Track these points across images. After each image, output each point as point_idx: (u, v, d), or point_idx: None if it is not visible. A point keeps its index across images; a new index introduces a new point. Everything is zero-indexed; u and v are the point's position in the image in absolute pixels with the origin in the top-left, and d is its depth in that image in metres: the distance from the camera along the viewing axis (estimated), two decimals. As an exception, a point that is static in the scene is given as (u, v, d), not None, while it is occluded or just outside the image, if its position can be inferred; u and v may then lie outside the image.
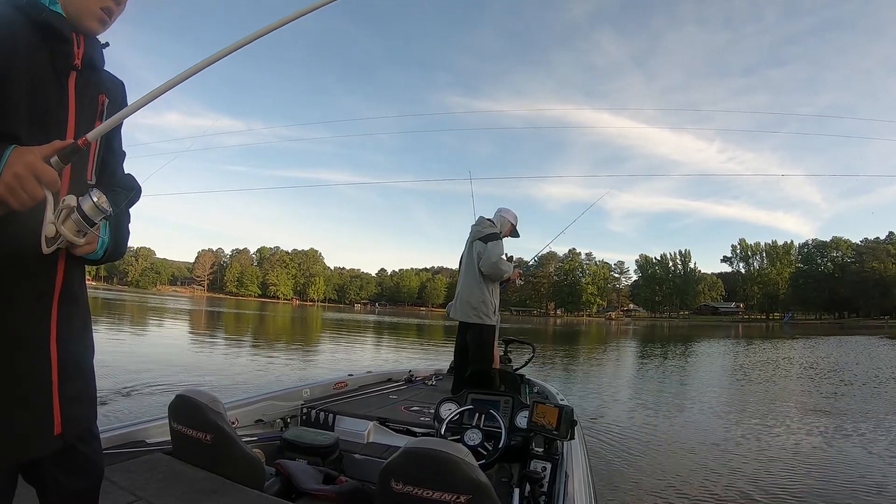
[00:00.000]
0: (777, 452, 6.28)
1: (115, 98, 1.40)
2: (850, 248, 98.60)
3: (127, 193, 1.42)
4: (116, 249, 1.37)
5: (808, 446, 6.60)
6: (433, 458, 1.63)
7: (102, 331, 18.01)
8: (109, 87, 1.40)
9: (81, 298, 1.33)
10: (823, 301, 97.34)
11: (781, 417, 8.48)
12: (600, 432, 6.95)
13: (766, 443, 6.76)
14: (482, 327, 4.79)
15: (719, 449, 6.47)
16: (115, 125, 1.21)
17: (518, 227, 5.40)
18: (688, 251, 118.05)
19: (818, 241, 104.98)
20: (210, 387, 8.39)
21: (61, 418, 1.22)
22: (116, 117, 1.17)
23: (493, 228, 4.99)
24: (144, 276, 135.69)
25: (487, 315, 4.79)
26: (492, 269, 4.78)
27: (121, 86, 1.46)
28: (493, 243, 4.83)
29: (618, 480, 5.18)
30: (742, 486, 5.09)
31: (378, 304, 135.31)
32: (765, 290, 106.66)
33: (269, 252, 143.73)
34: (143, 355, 12.57)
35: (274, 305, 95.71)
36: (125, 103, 1.44)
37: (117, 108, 1.37)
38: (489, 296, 4.82)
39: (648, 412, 8.83)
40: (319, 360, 14.87)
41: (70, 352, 1.25)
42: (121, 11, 1.36)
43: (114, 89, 1.42)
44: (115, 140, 1.46)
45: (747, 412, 8.96)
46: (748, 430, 7.42)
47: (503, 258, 4.84)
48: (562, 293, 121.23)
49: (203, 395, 2.27)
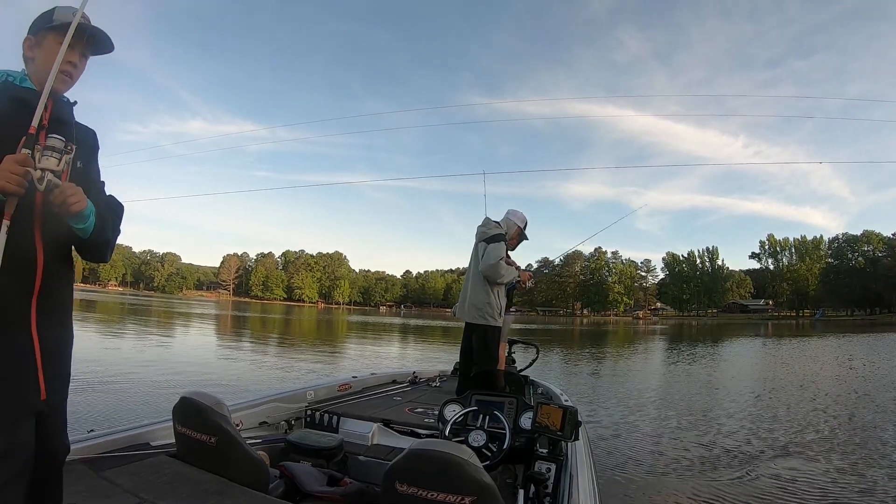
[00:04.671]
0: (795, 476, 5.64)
1: (83, 144, 1.69)
2: (882, 241, 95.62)
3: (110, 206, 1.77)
4: (102, 231, 1.66)
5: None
6: (437, 459, 1.63)
7: (125, 335, 18.41)
8: (79, 136, 1.68)
9: (57, 294, 1.61)
10: (855, 297, 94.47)
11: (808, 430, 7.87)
12: (604, 434, 6.94)
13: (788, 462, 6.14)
14: (487, 328, 4.75)
15: (730, 452, 6.36)
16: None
17: (529, 230, 5.30)
18: (715, 248, 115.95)
19: (849, 236, 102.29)
20: (221, 389, 8.54)
21: (45, 388, 1.53)
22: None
23: (498, 230, 4.92)
24: (170, 281, 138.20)
25: (492, 316, 4.74)
26: (489, 271, 4.72)
27: (91, 133, 1.80)
28: (493, 245, 4.76)
29: (623, 481, 5.17)
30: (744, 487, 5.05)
31: (403, 306, 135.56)
32: (794, 287, 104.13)
33: (294, 255, 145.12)
34: (163, 359, 12.86)
35: (299, 309, 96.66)
36: (96, 147, 1.80)
37: (87, 152, 1.73)
38: (494, 297, 4.77)
39: (663, 416, 8.74)
40: (344, 364, 14.97)
41: (47, 337, 1.54)
42: (81, 71, 1.69)
43: (84, 137, 1.73)
44: (91, 172, 1.77)
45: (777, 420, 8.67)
46: (776, 441, 6.95)
47: (501, 261, 4.74)
48: (588, 292, 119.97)
49: (207, 397, 2.29)
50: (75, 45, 1.60)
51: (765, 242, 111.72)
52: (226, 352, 16.59)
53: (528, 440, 3.04)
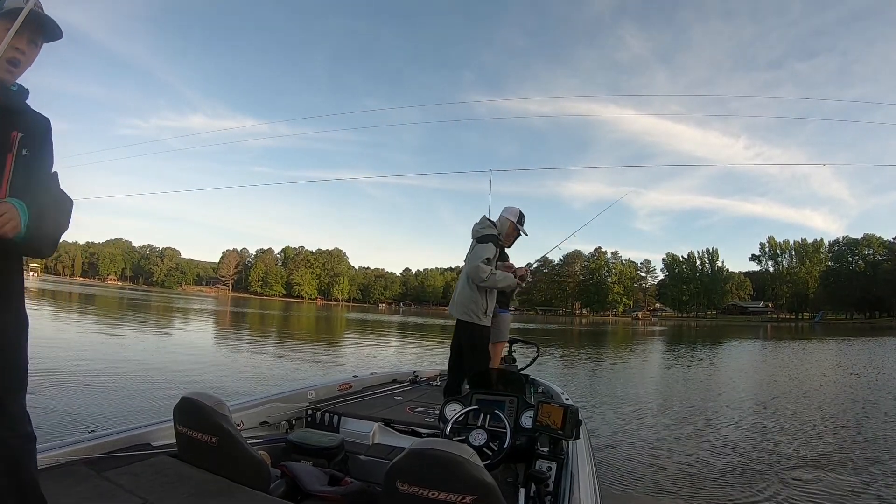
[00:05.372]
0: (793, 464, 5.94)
1: (32, 133, 1.64)
2: (883, 245, 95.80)
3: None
4: (39, 229, 1.54)
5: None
6: (438, 458, 1.63)
7: (125, 331, 18.41)
8: (28, 124, 1.64)
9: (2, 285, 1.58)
10: (854, 300, 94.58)
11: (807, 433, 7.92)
12: (604, 434, 6.95)
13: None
14: (473, 326, 4.67)
15: (730, 451, 6.40)
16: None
17: (525, 226, 5.17)
18: (715, 249, 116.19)
19: (849, 239, 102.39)
20: (222, 388, 8.55)
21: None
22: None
23: (491, 229, 4.83)
24: (170, 276, 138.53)
25: (477, 315, 4.65)
26: (472, 272, 4.65)
27: (43, 121, 1.72)
28: (480, 246, 4.71)
29: (623, 479, 5.18)
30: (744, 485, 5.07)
31: (402, 303, 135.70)
32: (794, 289, 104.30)
33: (294, 252, 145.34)
34: (160, 357, 12.87)
35: (298, 305, 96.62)
36: (47, 136, 1.72)
37: (37, 141, 1.65)
38: (480, 296, 4.67)
39: (663, 417, 8.77)
40: (342, 362, 14.98)
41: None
42: (30, 59, 1.65)
43: (33, 125, 1.67)
44: (39, 160, 1.67)
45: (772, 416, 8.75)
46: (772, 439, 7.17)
47: (482, 264, 4.61)
48: (588, 292, 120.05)
49: (208, 397, 2.29)
50: (23, 32, 1.56)
51: (765, 244, 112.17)
52: (225, 350, 16.53)
53: (528, 439, 3.04)
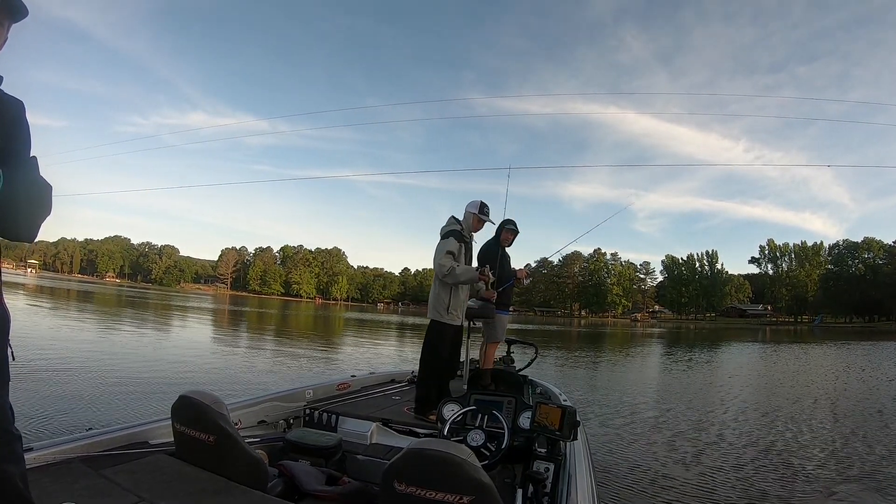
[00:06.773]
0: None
1: (2, 116, 1.60)
2: (883, 249, 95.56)
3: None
4: (13, 204, 1.50)
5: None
6: (436, 458, 1.63)
7: (123, 328, 18.40)
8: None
9: None
10: (854, 303, 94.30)
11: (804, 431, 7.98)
12: (603, 433, 6.96)
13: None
14: (433, 323, 4.66)
15: (726, 453, 6.40)
16: None
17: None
18: (715, 252, 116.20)
19: (849, 242, 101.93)
20: (218, 387, 8.52)
21: None
22: None
23: (453, 225, 4.84)
24: (168, 274, 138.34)
25: (439, 311, 4.63)
26: (435, 268, 4.66)
27: (16, 104, 1.68)
28: (442, 241, 4.73)
29: (620, 481, 5.17)
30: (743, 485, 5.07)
31: (401, 303, 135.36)
32: (793, 292, 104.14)
33: (293, 250, 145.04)
34: (158, 355, 12.85)
35: (297, 304, 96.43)
36: (21, 118, 1.67)
37: (6, 123, 1.61)
38: (444, 292, 4.65)
39: (659, 417, 8.76)
40: (340, 361, 14.99)
41: None
42: (2, 40, 1.61)
43: (4, 109, 1.62)
44: (11, 143, 1.62)
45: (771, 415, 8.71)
46: (765, 440, 7.21)
47: (443, 259, 4.57)
48: (587, 294, 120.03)
49: (206, 395, 2.29)
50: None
51: (764, 247, 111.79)
52: (223, 348, 16.49)
53: (526, 440, 3.06)
